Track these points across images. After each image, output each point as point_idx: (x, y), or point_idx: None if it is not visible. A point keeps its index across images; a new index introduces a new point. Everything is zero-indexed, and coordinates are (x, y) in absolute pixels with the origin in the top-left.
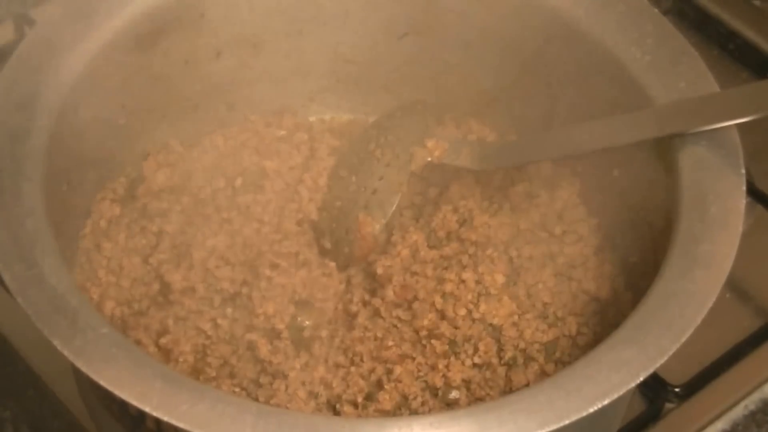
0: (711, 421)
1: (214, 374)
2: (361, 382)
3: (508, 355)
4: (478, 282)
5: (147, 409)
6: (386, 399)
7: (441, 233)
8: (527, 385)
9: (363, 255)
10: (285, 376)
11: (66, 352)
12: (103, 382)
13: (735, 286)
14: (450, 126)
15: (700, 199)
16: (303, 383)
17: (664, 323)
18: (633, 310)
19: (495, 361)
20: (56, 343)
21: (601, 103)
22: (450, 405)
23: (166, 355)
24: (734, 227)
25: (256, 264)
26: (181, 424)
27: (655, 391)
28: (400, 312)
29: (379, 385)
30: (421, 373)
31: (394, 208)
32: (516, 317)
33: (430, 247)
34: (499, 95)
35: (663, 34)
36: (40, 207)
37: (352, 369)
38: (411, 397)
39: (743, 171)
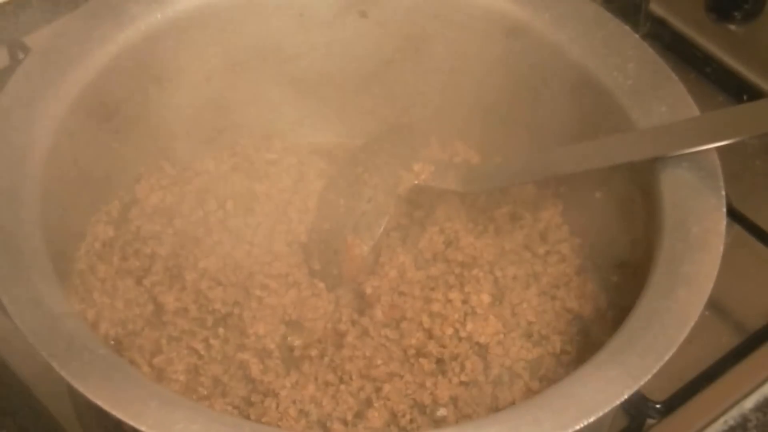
0: None
1: (206, 393)
2: (351, 400)
3: (494, 372)
4: (464, 302)
5: (143, 429)
6: (375, 416)
7: (428, 254)
8: (513, 402)
9: (352, 276)
10: (276, 395)
11: (64, 373)
12: (100, 402)
13: (714, 304)
14: (436, 149)
15: (681, 220)
16: (293, 401)
17: (648, 342)
18: (617, 329)
19: (481, 378)
20: (54, 364)
21: (584, 127)
22: (438, 422)
23: (160, 374)
24: (715, 247)
25: (247, 285)
26: None
27: (637, 407)
28: (388, 331)
29: (369, 402)
30: (410, 391)
31: (381, 229)
32: (501, 336)
33: (417, 267)
34: (484, 119)
35: (644, 59)
36: (36, 230)
37: (342, 387)
38: (400, 414)
39: (723, 192)
